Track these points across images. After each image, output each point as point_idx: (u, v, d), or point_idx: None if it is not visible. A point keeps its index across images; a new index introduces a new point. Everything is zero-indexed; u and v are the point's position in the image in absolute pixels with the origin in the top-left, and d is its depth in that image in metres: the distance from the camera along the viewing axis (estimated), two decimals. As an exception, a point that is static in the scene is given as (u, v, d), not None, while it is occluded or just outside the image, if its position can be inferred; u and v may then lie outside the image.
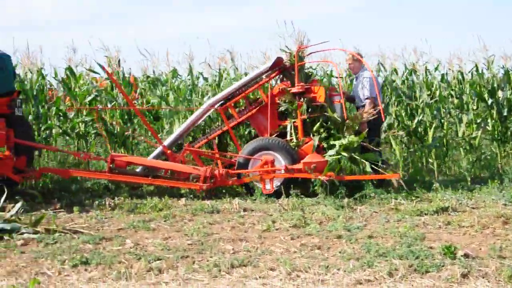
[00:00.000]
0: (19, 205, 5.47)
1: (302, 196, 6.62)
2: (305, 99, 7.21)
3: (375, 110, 7.11)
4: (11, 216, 5.20)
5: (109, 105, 8.97)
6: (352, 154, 6.82)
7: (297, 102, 7.21)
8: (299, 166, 6.84)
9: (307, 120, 7.22)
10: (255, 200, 6.84)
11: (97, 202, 6.56)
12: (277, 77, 7.74)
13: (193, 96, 9.29)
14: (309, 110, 7.22)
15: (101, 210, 6.19)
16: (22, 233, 4.92)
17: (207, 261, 4.10)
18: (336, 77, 9.74)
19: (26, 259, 4.18)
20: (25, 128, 7.33)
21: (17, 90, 7.60)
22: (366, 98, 7.48)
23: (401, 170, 8.18)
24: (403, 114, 9.21)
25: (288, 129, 7.31)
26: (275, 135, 7.35)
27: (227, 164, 7.56)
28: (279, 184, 7.00)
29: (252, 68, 9.40)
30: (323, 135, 7.10)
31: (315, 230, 5.04)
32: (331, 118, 7.08)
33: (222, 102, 7.78)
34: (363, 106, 7.42)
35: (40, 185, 7.64)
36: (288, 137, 7.25)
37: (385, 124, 8.45)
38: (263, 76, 7.70)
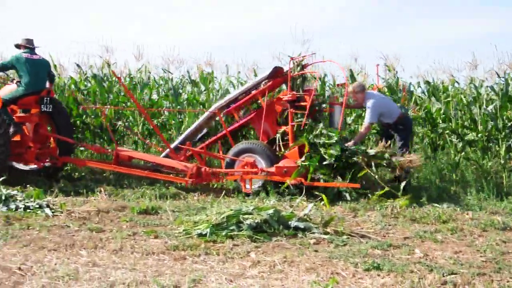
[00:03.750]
0: (310, 206, 6.02)
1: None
2: (297, 107, 7.97)
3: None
4: (304, 215, 5.75)
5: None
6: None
7: (288, 109, 7.99)
8: (272, 169, 7.62)
9: (304, 126, 7.86)
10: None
11: (379, 208, 6.81)
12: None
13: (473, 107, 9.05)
14: (299, 117, 7.92)
15: (383, 217, 6.41)
16: (313, 233, 5.43)
17: (507, 281, 3.95)
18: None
19: (320, 258, 4.61)
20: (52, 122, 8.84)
21: (47, 89, 8.66)
22: (365, 124, 8.17)
23: None
24: None
25: (278, 135, 8.11)
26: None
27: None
28: (260, 184, 7.80)
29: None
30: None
31: None
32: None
33: (223, 107, 8.69)
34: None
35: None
36: (277, 142, 8.07)
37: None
38: (262, 84, 8.47)
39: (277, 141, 8.09)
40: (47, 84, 8.78)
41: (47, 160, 8.70)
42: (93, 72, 11.29)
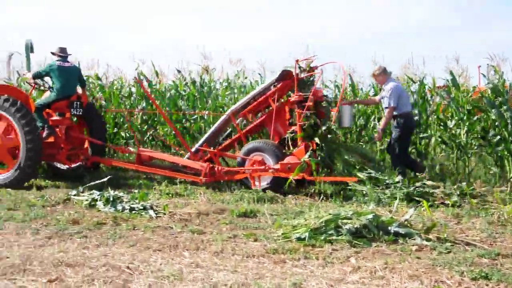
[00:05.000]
0: (412, 211, 5.89)
1: None
2: (304, 107, 8.24)
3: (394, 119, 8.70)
4: (405, 221, 5.64)
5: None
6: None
7: (296, 110, 8.40)
8: (277, 166, 8.16)
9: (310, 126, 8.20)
10: None
11: (484, 214, 6.53)
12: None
13: None
14: (306, 117, 8.24)
15: (489, 224, 6.13)
16: (415, 239, 5.30)
17: None
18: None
19: (423, 265, 4.50)
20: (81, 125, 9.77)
21: (77, 94, 9.39)
22: (386, 107, 8.66)
23: None
24: None
25: (287, 134, 8.59)
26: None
27: None
28: (269, 181, 8.33)
29: None
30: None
31: None
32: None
33: (238, 109, 9.17)
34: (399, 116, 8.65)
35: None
36: (287, 141, 8.57)
37: None
38: (271, 87, 8.87)
39: (287, 140, 8.60)
40: (79, 90, 9.64)
41: (78, 160, 9.69)
42: (192, 78, 11.74)
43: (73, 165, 9.84)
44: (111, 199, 6.95)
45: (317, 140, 8.22)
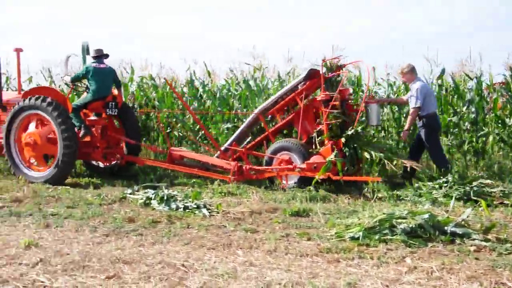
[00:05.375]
0: (469, 210, 5.74)
1: None
2: (330, 106, 8.27)
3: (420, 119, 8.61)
4: (462, 220, 5.50)
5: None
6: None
7: (322, 108, 8.42)
8: (303, 165, 8.23)
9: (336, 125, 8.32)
10: None
11: None
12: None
13: None
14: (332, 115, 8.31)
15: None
16: (473, 239, 5.16)
17: None
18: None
19: (482, 266, 4.38)
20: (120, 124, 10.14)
21: (112, 95, 9.68)
22: (412, 107, 8.56)
23: None
24: None
25: (314, 133, 8.65)
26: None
27: None
28: (296, 180, 8.42)
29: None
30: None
31: None
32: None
33: (266, 109, 9.27)
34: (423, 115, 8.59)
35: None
36: (314, 140, 8.62)
37: None
38: (299, 86, 8.92)
39: (314, 139, 8.64)
40: (115, 91, 9.91)
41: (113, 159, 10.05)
42: (244, 77, 11.82)
43: (108, 164, 10.19)
44: (165, 198, 7.07)
45: (343, 139, 8.21)
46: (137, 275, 4.22)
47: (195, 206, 6.79)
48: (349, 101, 8.91)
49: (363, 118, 9.31)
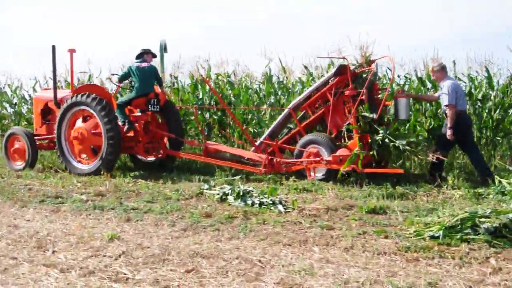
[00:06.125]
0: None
1: None
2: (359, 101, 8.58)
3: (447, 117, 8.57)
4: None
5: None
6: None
7: (350, 103, 8.69)
8: (329, 158, 8.45)
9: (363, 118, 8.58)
10: None
11: None
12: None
13: None
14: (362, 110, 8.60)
15: None
16: None
17: None
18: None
19: None
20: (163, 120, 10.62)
21: (154, 92, 10.09)
22: (445, 105, 8.56)
23: None
24: None
25: (343, 127, 8.87)
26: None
27: None
28: (324, 173, 8.75)
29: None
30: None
31: None
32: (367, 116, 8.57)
33: (298, 104, 9.61)
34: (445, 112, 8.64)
35: None
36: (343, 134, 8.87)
37: None
38: (329, 81, 9.17)
39: (343, 133, 8.88)
40: (158, 88, 10.33)
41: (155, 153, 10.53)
42: (319, 74, 11.78)
43: (150, 158, 10.72)
44: (241, 193, 7.15)
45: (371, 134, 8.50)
46: (215, 270, 4.30)
47: (271, 202, 6.82)
48: (377, 95, 9.15)
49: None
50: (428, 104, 10.67)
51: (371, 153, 8.38)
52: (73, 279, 4.10)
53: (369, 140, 8.53)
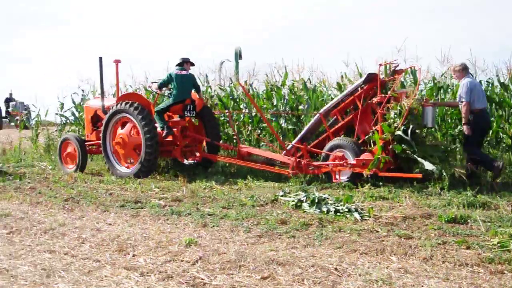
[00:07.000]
0: None
1: None
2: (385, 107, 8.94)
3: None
4: None
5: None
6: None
7: (378, 110, 8.99)
8: (353, 162, 8.77)
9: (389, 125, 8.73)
10: None
11: None
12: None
13: None
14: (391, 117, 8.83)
15: None
16: None
17: None
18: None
19: None
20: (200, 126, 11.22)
21: (190, 98, 10.59)
22: (460, 102, 9.06)
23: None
24: None
25: (370, 133, 9.14)
26: None
27: None
28: (349, 176, 9.01)
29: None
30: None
31: None
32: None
33: (328, 110, 9.96)
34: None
35: None
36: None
37: None
38: (359, 89, 9.54)
39: (369, 138, 9.16)
40: (196, 95, 10.82)
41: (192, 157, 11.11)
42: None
43: (187, 161, 11.18)
44: (317, 200, 7.13)
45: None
46: (291, 277, 4.30)
47: (346, 209, 6.76)
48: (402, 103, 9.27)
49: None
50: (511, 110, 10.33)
51: (388, 158, 8.63)
52: (153, 283, 4.23)
53: (391, 147, 8.77)
